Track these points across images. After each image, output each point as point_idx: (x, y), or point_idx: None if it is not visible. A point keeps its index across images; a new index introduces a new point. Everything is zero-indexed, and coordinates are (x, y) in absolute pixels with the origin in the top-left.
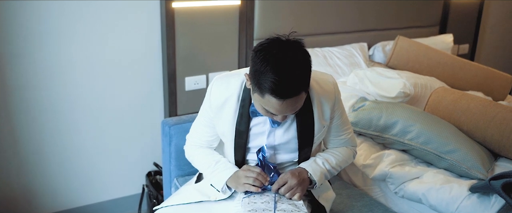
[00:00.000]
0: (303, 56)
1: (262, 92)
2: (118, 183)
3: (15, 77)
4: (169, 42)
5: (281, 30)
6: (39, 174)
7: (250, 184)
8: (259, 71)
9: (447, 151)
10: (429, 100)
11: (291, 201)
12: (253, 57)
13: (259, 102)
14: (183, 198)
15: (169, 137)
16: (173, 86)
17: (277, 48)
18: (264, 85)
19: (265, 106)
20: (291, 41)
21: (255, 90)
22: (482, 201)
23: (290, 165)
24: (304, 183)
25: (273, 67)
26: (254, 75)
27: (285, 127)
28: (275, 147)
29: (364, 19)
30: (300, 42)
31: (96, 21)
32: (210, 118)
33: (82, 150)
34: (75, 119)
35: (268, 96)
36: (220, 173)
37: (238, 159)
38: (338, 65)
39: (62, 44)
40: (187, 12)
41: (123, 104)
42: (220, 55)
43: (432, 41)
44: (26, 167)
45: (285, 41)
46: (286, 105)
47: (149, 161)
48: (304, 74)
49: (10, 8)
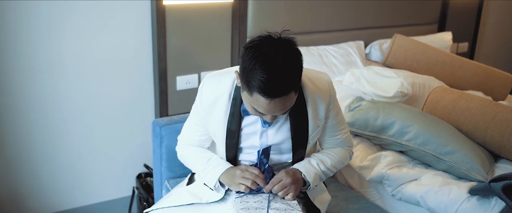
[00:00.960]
0: (294, 55)
1: (251, 90)
2: (108, 185)
3: (2, 76)
4: (160, 40)
5: (275, 28)
6: (26, 175)
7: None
8: (248, 68)
9: (445, 152)
10: (428, 100)
11: (284, 201)
12: (243, 54)
13: (248, 101)
14: (175, 201)
15: (160, 138)
16: (164, 86)
17: (267, 46)
18: (253, 83)
19: (254, 105)
20: (282, 39)
21: (244, 88)
22: (482, 203)
23: (284, 166)
24: (297, 183)
25: (262, 65)
26: (243, 73)
27: (278, 127)
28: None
29: (361, 16)
30: (292, 41)
31: (86, 19)
32: (201, 117)
33: (70, 151)
34: (63, 119)
35: (256, 95)
36: (212, 170)
37: (230, 159)
38: (334, 64)
39: (51, 42)
40: (178, 10)
41: (112, 104)
42: (213, 54)
43: (430, 39)
44: (12, 168)
45: (276, 39)
46: (274, 105)
47: (139, 162)
48: (294, 74)
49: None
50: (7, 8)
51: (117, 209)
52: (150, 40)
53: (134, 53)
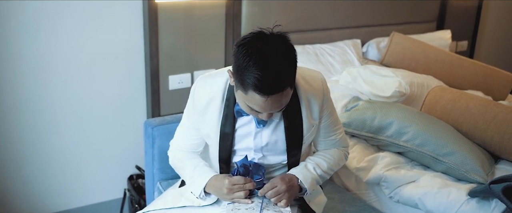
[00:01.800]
0: (288, 50)
1: (245, 88)
2: (99, 187)
3: None
4: (152, 39)
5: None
6: (16, 176)
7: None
8: (241, 66)
9: (444, 153)
10: (426, 99)
11: (277, 208)
12: (235, 52)
13: (243, 99)
14: (167, 203)
15: (152, 138)
16: (156, 85)
17: (260, 42)
18: (247, 81)
19: (249, 103)
20: (275, 35)
21: (238, 87)
22: (482, 206)
23: (279, 167)
24: (293, 189)
25: (256, 62)
26: (237, 71)
27: (272, 127)
28: (262, 148)
29: (358, 14)
30: (284, 36)
31: (77, 18)
32: (194, 120)
33: (61, 152)
34: (54, 119)
35: (251, 93)
36: (197, 179)
37: (223, 162)
38: (330, 62)
39: (42, 41)
40: (171, 8)
41: (104, 104)
42: (206, 53)
43: (429, 38)
44: (1, 168)
45: (269, 35)
46: (270, 102)
47: (131, 164)
48: (289, 69)
49: None
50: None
51: (108, 212)
52: (142, 39)
53: (126, 52)
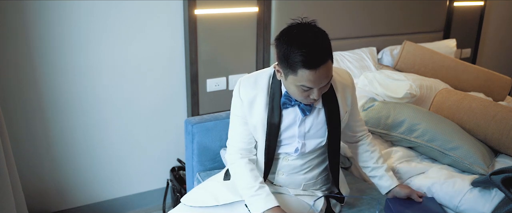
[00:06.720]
0: (320, 31)
1: (295, 69)
2: (144, 178)
3: (48, 79)
4: (192, 47)
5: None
6: (70, 169)
7: None
8: (286, 53)
9: (450, 148)
10: (434, 100)
11: None
12: (276, 45)
13: (294, 83)
14: (213, 200)
15: (192, 135)
16: (195, 88)
17: (296, 29)
18: (295, 61)
19: (300, 82)
20: (305, 22)
21: (287, 73)
22: (483, 194)
23: (319, 149)
24: (408, 188)
25: (298, 43)
26: (283, 59)
27: (314, 114)
28: (305, 135)
29: (374, 25)
30: (314, 22)
31: (124, 28)
32: (243, 113)
33: (110, 147)
34: (104, 118)
35: (301, 72)
36: (261, 200)
37: (269, 153)
38: (349, 68)
39: (91, 48)
40: (208, 19)
41: (149, 105)
42: (239, 59)
43: (436, 46)
44: (58, 163)
45: (300, 23)
46: (319, 75)
47: (173, 157)
48: (326, 44)
49: (42, 11)
50: (57, 23)
51: (152, 200)
52: (183, 46)
53: (169, 58)
